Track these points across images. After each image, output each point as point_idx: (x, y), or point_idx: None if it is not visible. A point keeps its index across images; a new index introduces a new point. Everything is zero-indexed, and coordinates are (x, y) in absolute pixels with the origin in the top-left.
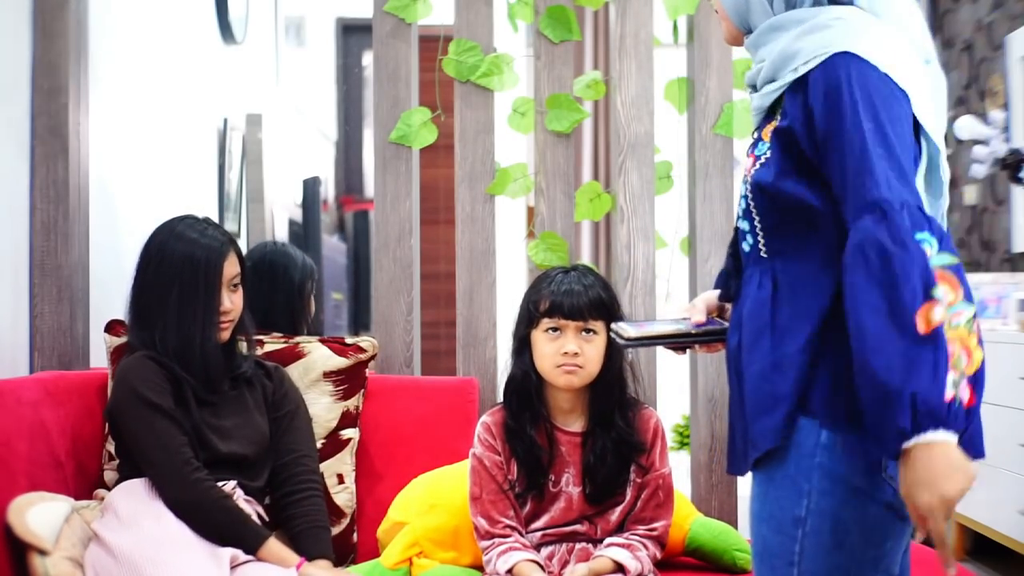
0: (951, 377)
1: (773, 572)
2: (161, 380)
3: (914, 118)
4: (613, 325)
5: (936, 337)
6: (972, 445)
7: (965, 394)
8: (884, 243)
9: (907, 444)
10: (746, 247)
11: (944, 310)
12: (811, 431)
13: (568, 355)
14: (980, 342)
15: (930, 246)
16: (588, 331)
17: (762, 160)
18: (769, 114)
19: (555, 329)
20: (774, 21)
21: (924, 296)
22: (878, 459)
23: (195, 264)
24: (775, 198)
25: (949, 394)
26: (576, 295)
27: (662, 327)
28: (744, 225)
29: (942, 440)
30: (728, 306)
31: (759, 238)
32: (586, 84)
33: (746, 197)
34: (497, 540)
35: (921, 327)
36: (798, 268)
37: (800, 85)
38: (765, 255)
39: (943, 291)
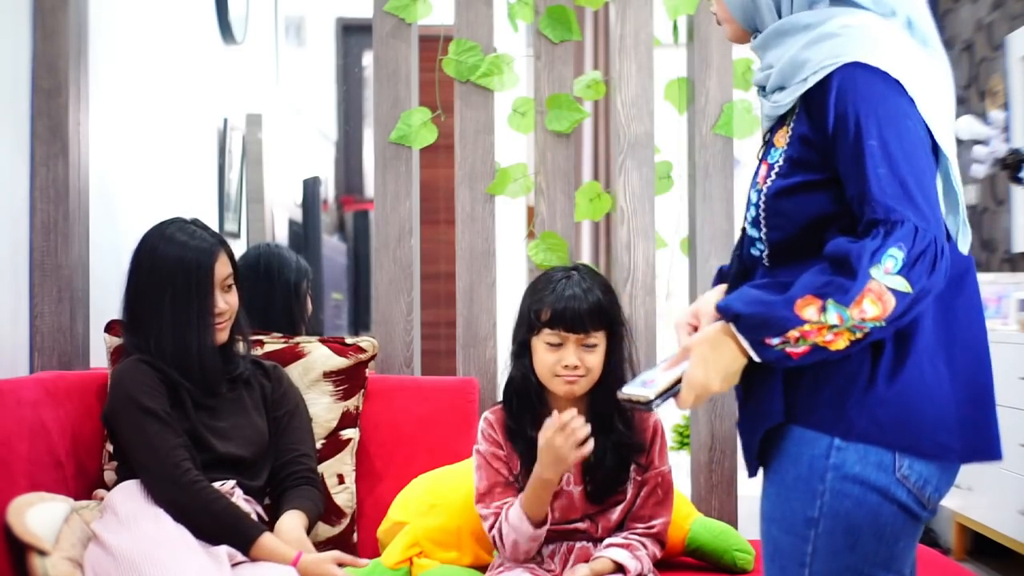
0: (795, 333)
1: (783, 572)
2: (155, 383)
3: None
4: (621, 394)
5: (794, 316)
6: (988, 448)
7: (796, 349)
8: (832, 249)
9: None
10: (755, 252)
11: (836, 314)
12: (821, 436)
13: (568, 367)
14: (853, 346)
15: (894, 262)
16: (589, 345)
17: (776, 169)
18: (780, 121)
19: (556, 343)
20: (779, 25)
21: (818, 293)
22: (891, 459)
23: (186, 267)
24: (791, 211)
25: (776, 340)
26: (577, 307)
27: (669, 376)
28: (753, 232)
29: (724, 338)
30: None
31: (764, 249)
32: (586, 84)
33: (757, 206)
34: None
35: (800, 308)
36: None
37: (810, 95)
38: (768, 265)
39: (866, 305)
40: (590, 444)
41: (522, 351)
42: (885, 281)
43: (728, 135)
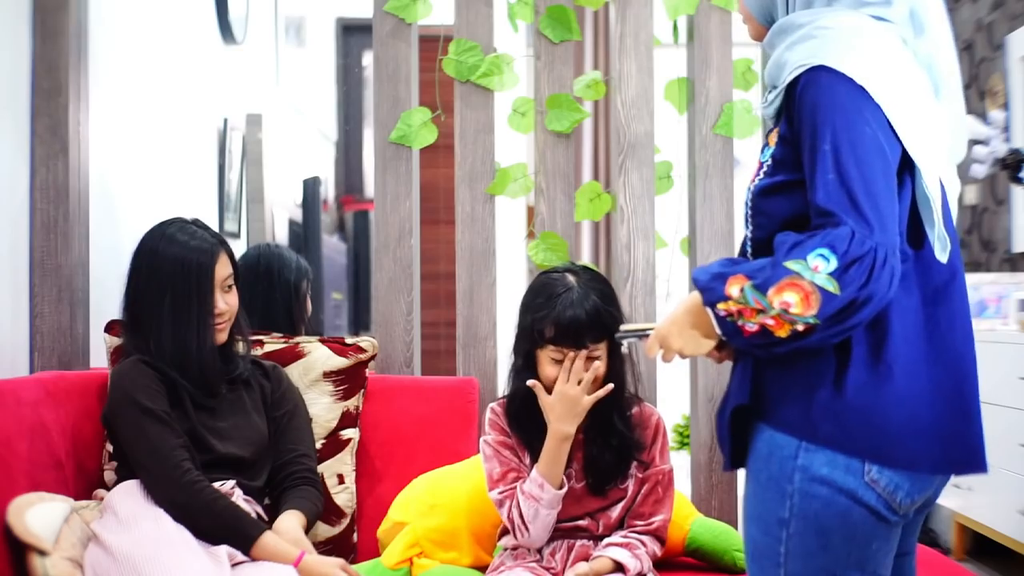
0: (730, 307)
1: (762, 572)
2: (155, 383)
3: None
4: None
5: (722, 289)
6: (971, 461)
7: (746, 327)
8: (778, 243)
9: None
10: (748, 249)
11: (753, 297)
12: (789, 438)
13: None
14: (797, 340)
15: (823, 262)
16: (593, 356)
17: (764, 168)
18: (776, 120)
19: (561, 359)
20: (779, 24)
21: (748, 274)
22: (860, 463)
23: (186, 268)
24: (772, 210)
25: (723, 309)
26: (578, 324)
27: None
28: (746, 231)
29: (698, 306)
30: None
31: (748, 248)
32: (586, 84)
33: (747, 204)
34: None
35: (729, 283)
36: None
37: (787, 96)
38: None
39: (788, 296)
40: (608, 386)
41: (527, 364)
42: (814, 278)
43: (728, 135)
